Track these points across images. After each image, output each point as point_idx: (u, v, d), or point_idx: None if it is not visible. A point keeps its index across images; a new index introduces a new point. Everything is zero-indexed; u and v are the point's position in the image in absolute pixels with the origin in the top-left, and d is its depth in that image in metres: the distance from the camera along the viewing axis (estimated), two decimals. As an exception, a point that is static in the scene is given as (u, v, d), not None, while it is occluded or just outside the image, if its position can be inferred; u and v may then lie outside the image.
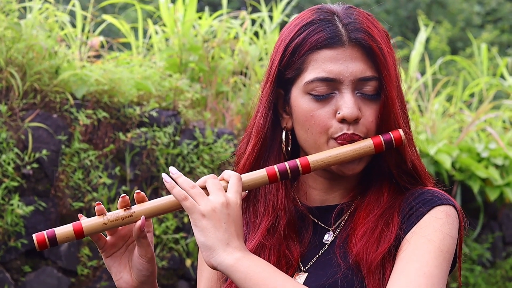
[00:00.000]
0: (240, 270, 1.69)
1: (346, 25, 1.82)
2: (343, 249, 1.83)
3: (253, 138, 1.90)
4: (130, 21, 11.32)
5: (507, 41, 17.66)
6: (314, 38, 1.82)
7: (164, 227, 5.16)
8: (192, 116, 5.56)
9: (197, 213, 1.71)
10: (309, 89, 1.82)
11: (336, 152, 1.80)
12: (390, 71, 1.82)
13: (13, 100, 4.84)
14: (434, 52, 15.72)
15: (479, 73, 8.85)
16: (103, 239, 1.84)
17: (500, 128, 8.14)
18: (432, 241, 1.74)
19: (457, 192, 7.10)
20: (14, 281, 4.73)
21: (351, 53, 1.81)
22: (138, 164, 5.17)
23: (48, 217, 4.82)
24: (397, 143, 1.82)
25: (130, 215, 1.77)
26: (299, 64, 1.84)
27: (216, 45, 6.16)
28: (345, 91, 1.81)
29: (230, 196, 1.74)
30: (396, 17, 18.20)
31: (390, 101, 1.81)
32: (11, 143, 4.72)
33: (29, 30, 5.02)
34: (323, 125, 1.82)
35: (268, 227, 1.89)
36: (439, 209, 1.80)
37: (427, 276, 1.69)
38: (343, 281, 1.77)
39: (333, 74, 1.80)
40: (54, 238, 1.76)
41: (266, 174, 1.80)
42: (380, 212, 1.83)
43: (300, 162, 1.81)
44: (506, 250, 7.74)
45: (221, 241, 1.70)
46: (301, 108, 1.84)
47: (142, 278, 1.86)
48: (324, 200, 1.92)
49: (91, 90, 5.08)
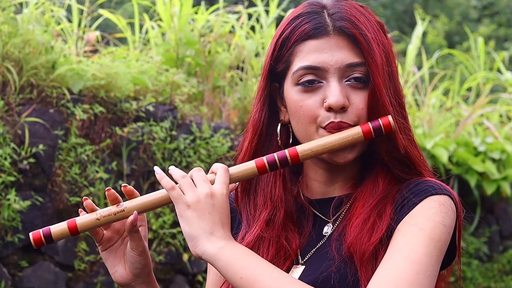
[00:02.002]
0: (222, 259, 1.71)
1: (332, 15, 1.83)
2: (339, 242, 1.83)
3: (249, 133, 1.92)
4: (127, 16, 11.31)
5: (504, 35, 17.67)
6: (300, 30, 1.84)
7: (161, 221, 5.16)
8: (189, 110, 5.56)
9: (182, 203, 1.74)
10: (296, 79, 1.84)
11: (324, 141, 1.80)
12: (376, 58, 1.81)
13: (10, 95, 4.83)
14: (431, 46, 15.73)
15: (476, 67, 8.85)
16: (100, 233, 1.88)
17: (497, 122, 8.15)
18: (423, 229, 1.73)
19: (454, 186, 7.10)
20: (11, 276, 4.73)
21: (336, 42, 1.82)
22: (135, 158, 5.17)
23: (45, 212, 4.82)
24: (386, 129, 1.81)
25: (122, 210, 1.80)
26: (287, 57, 1.86)
27: (212, 40, 6.16)
28: (332, 79, 1.82)
29: (216, 187, 1.76)
30: (393, 11, 18.20)
31: (376, 88, 1.81)
32: (7, 138, 4.71)
33: (25, 25, 5.01)
34: (311, 114, 1.83)
35: (267, 220, 1.90)
36: (432, 199, 1.79)
37: (413, 262, 1.68)
38: (336, 275, 1.77)
39: (317, 63, 1.81)
40: (50, 235, 1.79)
41: (255, 165, 1.82)
42: (375, 202, 1.83)
43: (288, 152, 1.82)
44: (503, 244, 7.76)
45: (205, 230, 1.73)
46: (291, 100, 1.85)
47: (136, 271, 1.88)
48: (325, 192, 1.93)
49: (88, 85, 5.08)
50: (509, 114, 8.54)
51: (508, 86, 8.65)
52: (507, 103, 8.63)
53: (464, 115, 7.90)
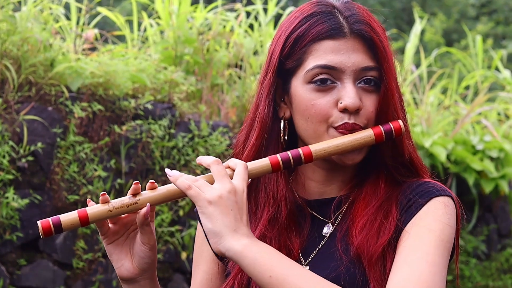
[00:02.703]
0: (249, 256, 1.70)
1: (347, 18, 1.84)
2: (344, 242, 1.84)
3: (256, 129, 1.91)
4: (125, 13, 11.31)
5: (502, 33, 17.68)
6: (316, 29, 1.84)
7: (160, 220, 5.16)
8: (187, 108, 5.55)
9: (203, 200, 1.72)
10: (310, 77, 1.83)
11: (338, 142, 1.81)
12: (390, 63, 1.84)
13: (8, 93, 4.83)
14: (429, 44, 15.74)
15: (474, 65, 8.85)
16: (106, 225, 1.85)
17: (495, 120, 8.16)
18: (433, 231, 1.76)
19: (452, 184, 7.10)
20: (10, 274, 4.73)
21: (352, 44, 1.83)
22: (133, 156, 5.17)
23: (44, 210, 4.81)
24: (396, 133, 1.84)
25: (135, 202, 1.77)
26: (300, 54, 1.85)
27: (211, 38, 6.16)
28: (347, 81, 1.83)
29: (236, 183, 1.74)
30: (391, 9, 18.19)
31: (389, 93, 1.83)
32: (6, 136, 4.71)
33: (24, 22, 5.00)
34: (324, 113, 1.83)
35: (270, 218, 1.90)
36: (437, 200, 1.81)
37: (429, 263, 1.71)
38: (345, 275, 1.78)
39: (334, 63, 1.82)
40: (59, 224, 1.75)
41: (269, 163, 1.81)
42: (378, 203, 1.84)
43: (302, 151, 1.82)
44: (501, 243, 7.76)
45: (228, 227, 1.71)
46: (302, 97, 1.85)
47: (144, 265, 1.86)
48: (322, 192, 1.93)
49: (86, 83, 5.07)
50: (507, 113, 8.54)
51: (506, 85, 8.65)
52: (505, 102, 8.63)
53: (462, 114, 7.90)
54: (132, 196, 1.78)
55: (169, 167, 5.24)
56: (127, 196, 1.79)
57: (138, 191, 1.79)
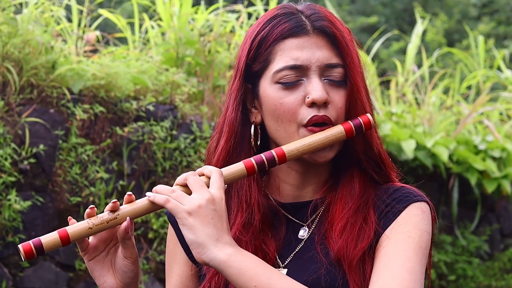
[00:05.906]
0: (233, 266, 1.71)
1: (309, 16, 1.88)
2: (323, 245, 1.85)
3: (225, 133, 1.91)
4: (126, 15, 11.31)
5: (504, 33, 17.66)
6: (279, 29, 1.87)
7: (162, 221, 5.16)
8: (189, 110, 5.55)
9: (182, 212, 1.72)
10: (278, 78, 1.85)
11: (309, 140, 1.83)
12: (354, 58, 1.87)
13: (10, 95, 4.83)
14: (431, 44, 15.73)
15: (476, 65, 8.85)
16: (86, 241, 1.84)
17: (497, 120, 8.15)
18: (412, 237, 1.79)
19: (454, 184, 7.10)
20: (12, 277, 4.73)
21: (316, 41, 1.86)
22: (135, 158, 5.17)
23: (46, 212, 4.82)
24: (366, 127, 1.86)
25: (114, 217, 1.77)
26: (266, 55, 1.87)
27: (212, 39, 6.16)
28: (313, 76, 1.85)
29: (214, 192, 1.75)
30: (393, 10, 18.19)
31: (355, 88, 1.86)
32: (8, 138, 4.71)
33: (25, 25, 5.01)
34: (292, 112, 1.84)
35: (244, 223, 1.90)
36: (415, 206, 1.85)
37: (410, 271, 1.74)
38: (326, 277, 1.80)
39: (300, 61, 1.84)
40: (41, 247, 1.74)
41: (244, 166, 1.82)
42: (355, 206, 1.86)
43: (275, 152, 1.83)
44: (504, 242, 7.75)
45: (211, 237, 1.71)
46: (270, 98, 1.87)
47: (128, 280, 1.86)
48: (297, 196, 1.94)
49: (88, 85, 5.07)
50: (509, 113, 8.53)
51: (508, 84, 8.64)
52: (507, 101, 8.62)
53: (464, 114, 7.90)
54: (111, 212, 1.78)
55: (171, 168, 5.25)
56: (105, 212, 1.79)
57: (116, 208, 1.78)
